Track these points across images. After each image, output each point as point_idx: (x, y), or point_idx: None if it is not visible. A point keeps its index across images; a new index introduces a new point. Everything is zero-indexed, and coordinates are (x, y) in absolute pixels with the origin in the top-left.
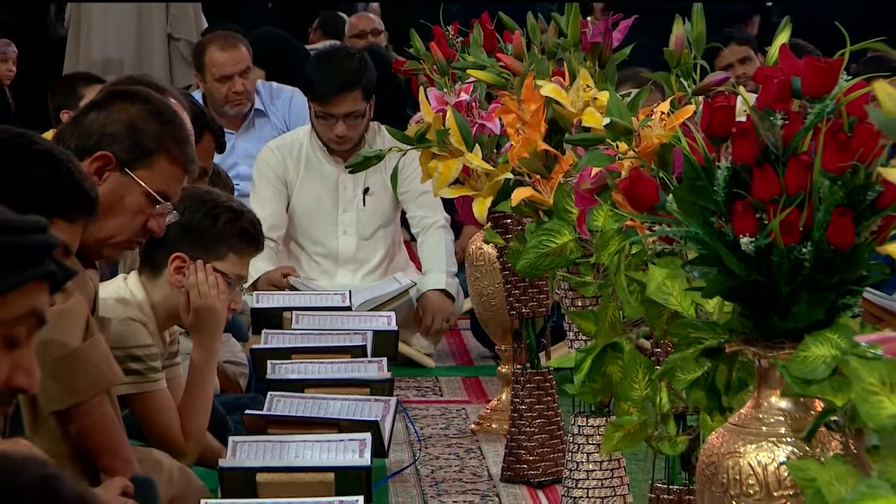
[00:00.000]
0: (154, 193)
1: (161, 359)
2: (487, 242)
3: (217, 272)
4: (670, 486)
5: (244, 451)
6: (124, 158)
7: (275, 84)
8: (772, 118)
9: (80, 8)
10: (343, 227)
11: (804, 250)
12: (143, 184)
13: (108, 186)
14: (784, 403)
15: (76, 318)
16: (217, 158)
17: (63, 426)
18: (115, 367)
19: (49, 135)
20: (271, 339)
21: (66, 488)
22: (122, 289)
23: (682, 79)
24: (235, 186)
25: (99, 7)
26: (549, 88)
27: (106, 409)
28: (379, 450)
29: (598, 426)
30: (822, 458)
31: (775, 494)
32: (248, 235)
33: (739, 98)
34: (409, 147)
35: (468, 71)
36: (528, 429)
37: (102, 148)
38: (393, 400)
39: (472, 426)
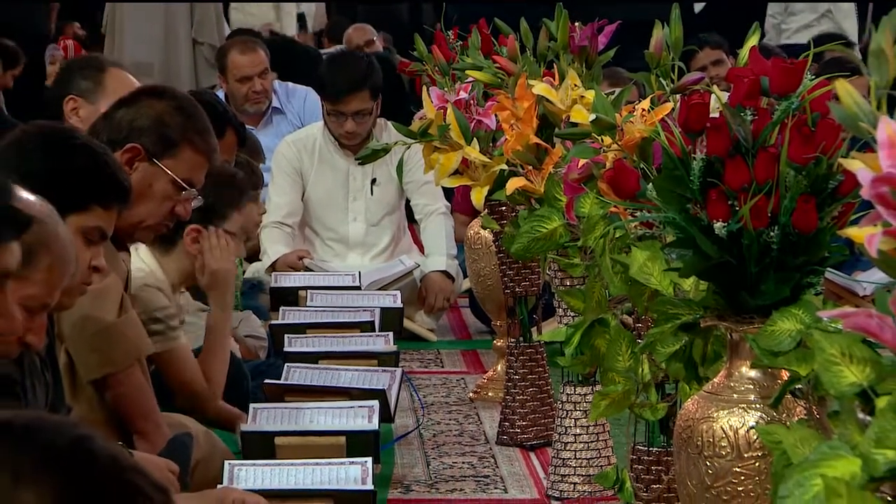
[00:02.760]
0: (180, 181)
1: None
2: (484, 228)
3: (227, 233)
4: (650, 448)
5: (264, 417)
6: (152, 150)
7: (290, 84)
8: (742, 114)
9: (115, 14)
10: (353, 214)
11: (772, 234)
12: (169, 172)
13: (138, 175)
14: (753, 373)
15: (112, 296)
16: None
17: (99, 393)
18: (147, 339)
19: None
20: (288, 315)
21: (99, 447)
22: (135, 258)
23: (661, 78)
24: None
25: (130, 14)
26: (540, 87)
27: (138, 379)
28: (386, 416)
29: (585, 394)
30: (788, 423)
31: (745, 455)
32: (240, 188)
33: (713, 96)
34: (412, 141)
35: (467, 71)
36: (521, 397)
37: (132, 140)
38: (398, 371)
39: (471, 394)
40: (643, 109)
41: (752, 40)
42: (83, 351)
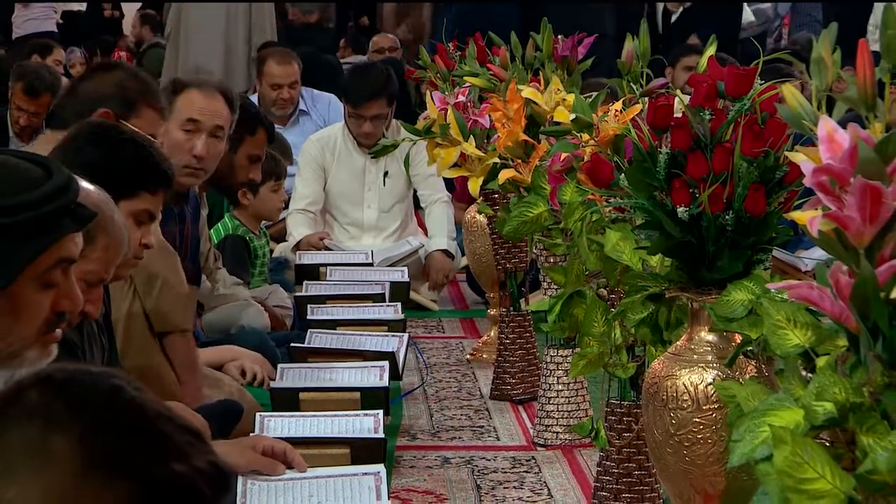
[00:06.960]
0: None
1: None
2: (480, 213)
3: None
4: (622, 402)
5: (290, 376)
6: (118, 112)
7: (315, 91)
8: (702, 114)
9: (179, 23)
10: (368, 202)
11: (727, 217)
12: (136, 130)
13: None
14: (711, 337)
15: (181, 270)
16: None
17: (161, 345)
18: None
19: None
20: (311, 288)
21: (130, 396)
22: None
23: (631, 84)
24: None
25: (195, 26)
26: (528, 91)
27: (191, 340)
28: (395, 374)
29: (566, 356)
30: (741, 380)
31: (704, 408)
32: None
33: (676, 99)
34: (418, 138)
35: (465, 78)
36: (511, 358)
37: (100, 106)
38: (405, 336)
39: (468, 356)
40: (616, 110)
41: (710, 50)
42: (168, 302)
